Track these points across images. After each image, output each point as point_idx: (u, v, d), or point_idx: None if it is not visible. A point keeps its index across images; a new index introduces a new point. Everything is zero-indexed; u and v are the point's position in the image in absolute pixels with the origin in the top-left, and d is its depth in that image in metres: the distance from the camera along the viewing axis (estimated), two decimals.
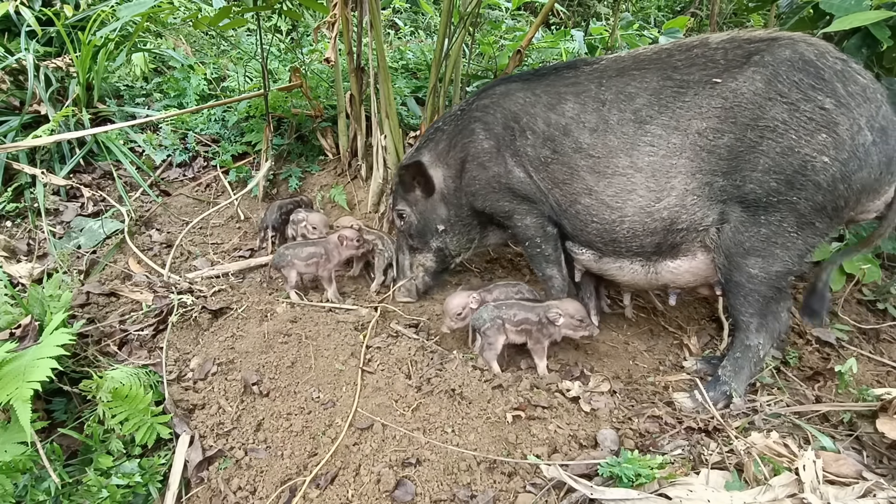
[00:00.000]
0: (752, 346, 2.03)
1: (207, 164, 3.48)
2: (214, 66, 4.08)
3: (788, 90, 1.79)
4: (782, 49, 1.84)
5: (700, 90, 1.92)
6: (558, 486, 1.65)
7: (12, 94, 3.26)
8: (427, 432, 1.83)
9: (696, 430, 1.90)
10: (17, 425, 1.67)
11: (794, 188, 1.81)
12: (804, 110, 1.77)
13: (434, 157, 2.49)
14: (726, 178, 1.90)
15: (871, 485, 1.58)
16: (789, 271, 1.94)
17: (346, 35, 2.86)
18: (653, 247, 2.08)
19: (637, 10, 6.42)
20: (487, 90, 2.41)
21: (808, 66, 1.79)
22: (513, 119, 2.26)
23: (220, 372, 2.05)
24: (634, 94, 2.02)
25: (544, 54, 4.76)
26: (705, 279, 2.12)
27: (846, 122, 1.74)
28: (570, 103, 2.14)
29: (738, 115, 1.85)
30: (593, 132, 2.08)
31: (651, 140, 1.98)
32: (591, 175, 2.09)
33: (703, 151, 1.91)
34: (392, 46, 4.65)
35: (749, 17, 5.80)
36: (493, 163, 2.32)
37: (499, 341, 2.13)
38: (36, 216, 2.91)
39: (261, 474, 1.75)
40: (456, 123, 2.45)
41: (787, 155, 1.79)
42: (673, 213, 1.99)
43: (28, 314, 2.02)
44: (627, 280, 2.25)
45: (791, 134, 1.78)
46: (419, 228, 2.58)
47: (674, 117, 1.95)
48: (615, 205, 2.08)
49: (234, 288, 2.55)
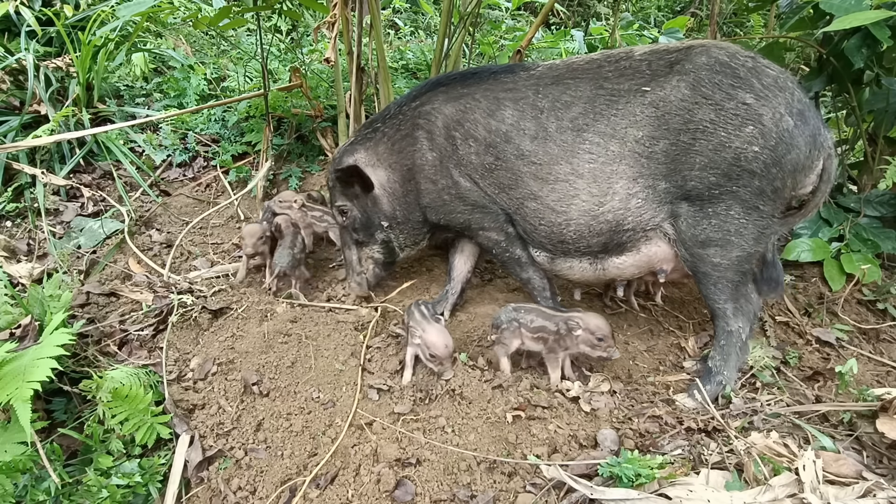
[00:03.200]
0: (733, 332, 2.10)
1: (207, 164, 3.48)
2: (214, 66, 4.08)
3: (712, 92, 1.91)
4: (698, 56, 1.97)
5: (632, 99, 2.02)
6: (558, 486, 1.65)
7: (12, 94, 3.26)
8: (427, 432, 1.83)
9: (696, 430, 1.90)
10: (17, 425, 1.67)
11: (732, 179, 1.93)
12: (729, 108, 1.89)
13: (373, 156, 2.42)
14: (667, 180, 2.01)
15: (871, 485, 1.58)
16: (749, 254, 2.04)
17: (346, 35, 2.86)
18: (600, 246, 2.17)
19: (637, 10, 6.42)
20: (426, 93, 2.36)
21: (725, 67, 1.93)
22: (454, 126, 2.25)
23: (220, 372, 2.05)
24: (570, 102, 2.10)
25: (544, 54, 4.76)
26: (648, 269, 2.24)
27: (768, 112, 1.87)
28: (510, 110, 2.17)
29: (670, 121, 1.96)
30: (534, 139, 2.13)
31: (590, 147, 2.07)
32: (534, 181, 2.15)
33: (641, 157, 2.01)
34: (392, 46, 4.65)
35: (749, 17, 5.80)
36: (439, 175, 2.31)
37: (513, 343, 2.12)
38: (36, 216, 2.91)
39: (261, 474, 1.75)
40: (397, 126, 2.38)
41: (720, 150, 1.91)
42: (618, 215, 2.08)
43: (28, 314, 2.02)
44: (577, 277, 2.35)
45: (721, 131, 1.90)
46: (363, 222, 2.51)
47: (609, 125, 2.05)
48: (560, 209, 2.14)
49: (234, 288, 2.55)
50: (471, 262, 2.64)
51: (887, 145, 2.88)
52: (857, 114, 2.85)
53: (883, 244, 2.65)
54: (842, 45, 2.51)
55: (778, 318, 2.54)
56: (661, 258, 2.17)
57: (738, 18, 6.33)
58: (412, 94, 2.42)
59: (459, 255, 2.62)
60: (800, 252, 2.70)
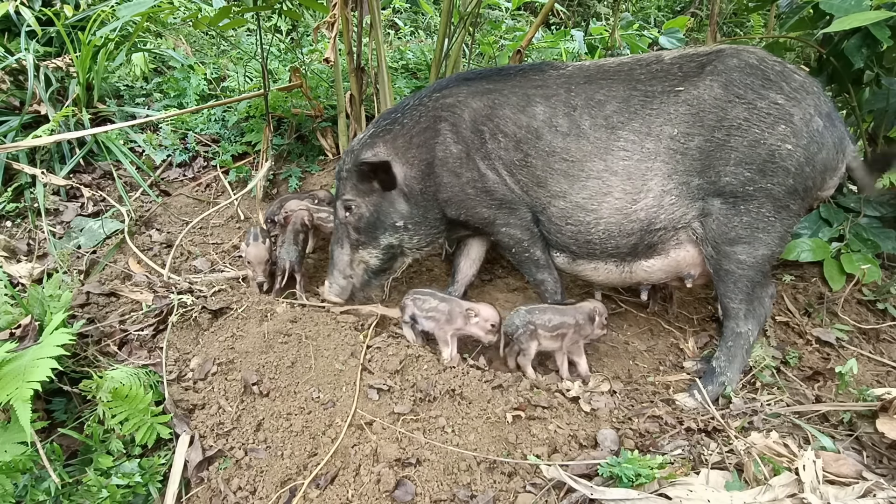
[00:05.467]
0: (742, 334, 2.12)
1: (207, 164, 3.47)
2: (214, 66, 4.08)
3: (744, 91, 1.97)
4: (729, 58, 2.03)
5: (665, 99, 2.06)
6: (558, 486, 1.65)
7: (12, 94, 3.26)
8: (427, 432, 1.83)
9: (696, 430, 1.90)
10: (17, 425, 1.67)
11: (767, 175, 1.97)
12: (761, 107, 1.95)
13: (391, 150, 2.33)
14: (701, 176, 2.03)
15: (871, 485, 1.58)
16: (773, 254, 2.08)
17: (346, 35, 2.86)
18: (629, 247, 2.16)
19: (637, 10, 6.42)
20: (450, 87, 2.33)
21: (755, 69, 1.99)
22: (482, 120, 2.22)
23: (220, 372, 2.05)
24: (604, 101, 2.12)
25: (544, 54, 4.76)
26: (676, 273, 2.24)
27: (799, 112, 1.94)
28: (541, 106, 2.17)
29: (705, 118, 2.00)
30: (566, 136, 2.13)
31: (624, 145, 2.08)
32: (565, 178, 2.15)
33: (676, 154, 2.04)
34: (392, 46, 4.65)
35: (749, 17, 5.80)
36: (464, 168, 2.26)
37: (532, 347, 2.14)
38: (36, 216, 2.91)
39: (261, 474, 1.75)
40: (416, 119, 2.31)
41: (755, 146, 1.96)
42: (650, 213, 2.09)
43: (28, 314, 2.02)
44: (602, 280, 2.33)
45: (754, 128, 1.96)
46: (370, 222, 2.39)
47: (644, 123, 2.07)
48: (591, 207, 2.14)
49: (234, 288, 2.55)
50: (476, 267, 2.63)
51: (887, 145, 2.88)
52: (857, 114, 2.85)
53: (883, 244, 2.65)
54: (842, 45, 2.51)
55: (778, 318, 2.54)
56: (690, 263, 2.17)
57: (738, 18, 6.33)
58: (434, 87, 2.38)
59: (465, 258, 2.61)
60: (800, 252, 2.70)
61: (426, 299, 2.24)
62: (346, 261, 2.47)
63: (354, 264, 2.48)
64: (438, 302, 2.22)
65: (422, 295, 2.27)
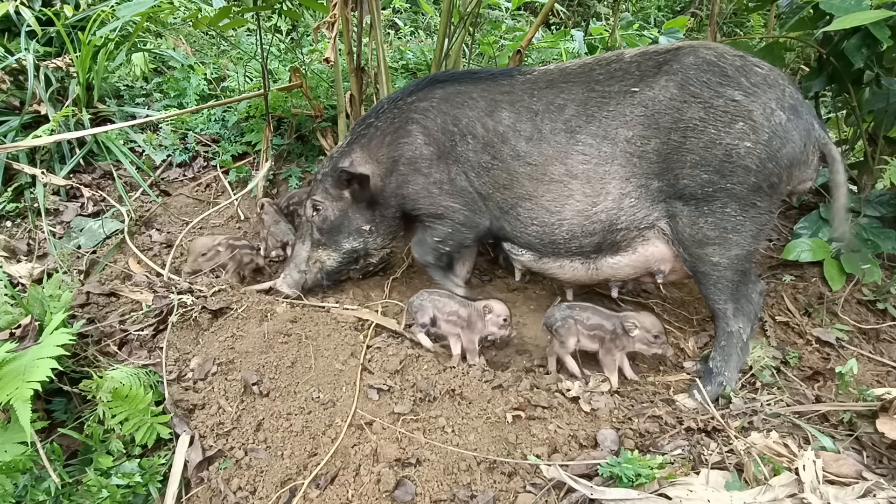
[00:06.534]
0: (734, 332, 2.11)
1: (207, 164, 3.47)
2: (214, 66, 4.08)
3: (700, 90, 1.94)
4: (686, 56, 2.00)
5: (622, 100, 2.05)
6: (558, 486, 1.65)
7: (12, 94, 3.26)
8: (427, 432, 1.83)
9: (696, 430, 1.90)
10: (17, 425, 1.67)
11: (726, 175, 1.93)
12: (717, 105, 1.91)
13: (365, 154, 2.41)
14: (660, 178, 2.03)
15: (871, 485, 1.58)
16: (748, 252, 2.05)
17: (346, 35, 2.86)
18: (592, 246, 2.19)
19: (637, 10, 6.42)
20: (423, 90, 2.37)
21: (712, 66, 1.95)
22: (453, 123, 2.26)
23: (220, 372, 2.05)
24: (563, 104, 2.13)
25: (544, 54, 4.76)
26: (645, 269, 2.24)
27: (759, 107, 1.89)
28: (507, 111, 2.20)
29: (660, 120, 1.99)
30: (529, 140, 2.16)
31: (583, 149, 2.10)
32: (530, 181, 2.18)
33: (633, 157, 2.04)
34: (392, 46, 4.65)
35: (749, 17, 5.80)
36: (433, 169, 2.30)
37: (570, 341, 2.15)
38: (36, 216, 2.91)
39: (261, 474, 1.75)
40: (390, 120, 2.38)
41: (710, 147, 1.93)
42: (611, 215, 2.11)
43: (28, 314, 2.02)
44: (568, 277, 2.35)
45: (710, 129, 1.92)
46: (334, 225, 2.48)
47: (601, 126, 2.07)
48: (554, 209, 2.17)
49: (234, 288, 2.55)
50: (469, 264, 2.64)
51: (887, 145, 2.88)
52: (857, 114, 2.85)
53: (883, 244, 2.65)
54: (842, 45, 2.51)
55: (778, 318, 2.54)
56: (659, 258, 2.18)
57: (738, 18, 6.33)
58: (407, 90, 2.42)
59: (456, 259, 2.62)
60: (800, 252, 2.70)
61: (446, 301, 2.23)
62: (304, 257, 2.55)
63: (311, 262, 2.55)
64: (459, 306, 2.22)
65: (440, 297, 2.25)
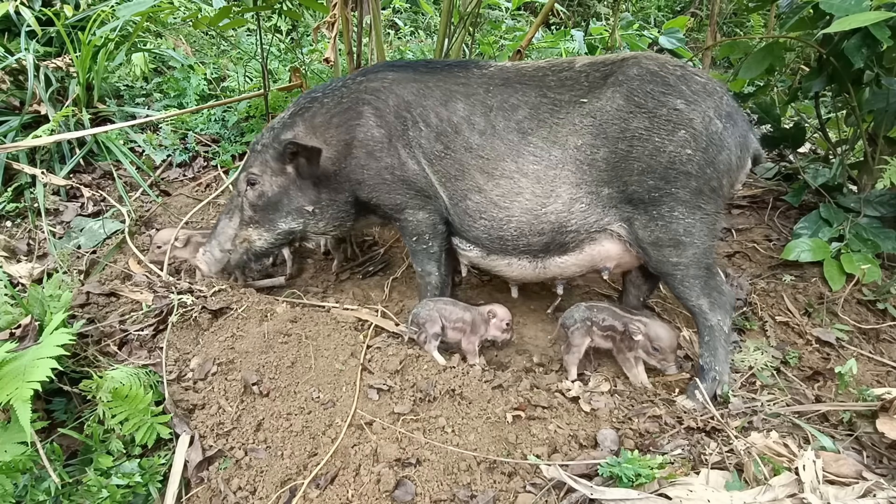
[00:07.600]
0: (714, 326, 2.12)
1: (207, 164, 3.47)
2: (214, 66, 4.08)
3: (645, 101, 1.99)
4: (630, 67, 2.05)
5: (571, 109, 2.09)
6: (558, 486, 1.65)
7: (12, 94, 3.26)
8: (427, 432, 1.83)
9: (696, 430, 1.90)
10: (17, 425, 1.67)
11: (670, 181, 1.99)
12: (661, 115, 1.97)
13: (309, 129, 2.31)
14: (610, 185, 2.07)
15: (871, 485, 1.58)
16: (704, 250, 2.08)
17: (346, 35, 2.86)
18: (541, 245, 2.20)
19: (637, 10, 6.43)
20: (376, 73, 2.34)
21: (655, 76, 2.01)
22: (405, 108, 2.25)
23: (220, 372, 2.05)
24: (517, 105, 2.15)
25: (544, 54, 4.77)
26: (591, 268, 2.27)
27: (698, 116, 1.95)
28: (461, 103, 2.21)
29: (608, 130, 2.03)
30: (482, 134, 2.17)
31: (534, 150, 2.12)
32: (480, 174, 2.19)
33: (583, 164, 2.07)
34: (392, 46, 4.65)
35: (749, 17, 5.80)
36: (384, 153, 2.26)
37: (583, 344, 2.17)
38: (36, 216, 2.91)
39: (261, 474, 1.75)
40: (338, 100, 2.31)
41: (655, 155, 1.98)
42: (561, 217, 2.13)
43: (28, 314, 2.02)
44: (516, 275, 2.36)
45: (655, 137, 1.98)
46: (271, 201, 2.36)
47: (552, 132, 2.11)
48: (503, 205, 2.17)
49: (234, 288, 2.55)
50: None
51: (887, 145, 2.88)
52: (857, 114, 2.85)
53: (883, 244, 2.65)
54: (842, 45, 2.51)
55: (778, 318, 2.54)
56: (605, 257, 2.21)
57: (738, 18, 6.34)
58: (360, 72, 2.41)
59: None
60: (800, 252, 2.70)
61: (451, 309, 2.23)
62: (230, 234, 2.43)
63: (237, 241, 2.45)
64: (462, 312, 2.23)
65: (444, 304, 2.25)
